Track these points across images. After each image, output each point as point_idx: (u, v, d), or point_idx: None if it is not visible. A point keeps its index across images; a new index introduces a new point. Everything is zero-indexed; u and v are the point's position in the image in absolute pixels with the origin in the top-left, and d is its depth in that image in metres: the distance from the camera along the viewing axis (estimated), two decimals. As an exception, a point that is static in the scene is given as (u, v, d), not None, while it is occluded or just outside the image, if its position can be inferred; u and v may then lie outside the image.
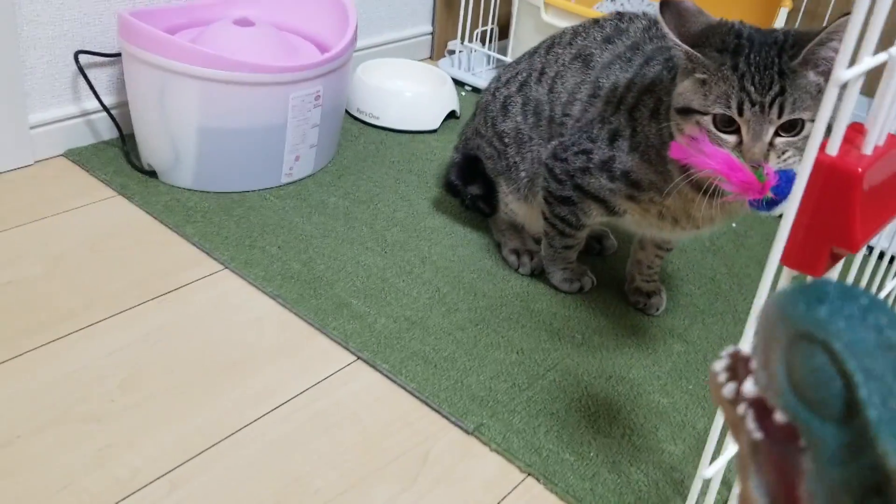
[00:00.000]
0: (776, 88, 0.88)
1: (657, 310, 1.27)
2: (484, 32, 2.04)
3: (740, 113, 0.90)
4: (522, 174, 1.25)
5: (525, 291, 1.28)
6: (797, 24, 2.12)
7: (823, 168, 0.60)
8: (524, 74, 1.25)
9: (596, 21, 1.21)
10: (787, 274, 0.67)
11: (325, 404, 1.02)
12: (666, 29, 0.93)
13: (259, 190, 1.42)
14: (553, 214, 1.21)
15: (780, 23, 1.93)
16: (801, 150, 0.91)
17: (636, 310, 1.28)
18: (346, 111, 1.72)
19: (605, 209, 1.15)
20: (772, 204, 0.90)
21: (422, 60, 2.06)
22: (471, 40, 2.02)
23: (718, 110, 0.91)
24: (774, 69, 0.88)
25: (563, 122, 1.18)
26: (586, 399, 1.09)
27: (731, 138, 0.92)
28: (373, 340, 1.12)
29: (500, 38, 2.10)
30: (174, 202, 1.35)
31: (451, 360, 1.11)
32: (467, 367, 1.10)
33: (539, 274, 1.32)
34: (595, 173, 1.12)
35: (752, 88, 0.89)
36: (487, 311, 1.22)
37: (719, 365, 0.45)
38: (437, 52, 2.11)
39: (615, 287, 1.33)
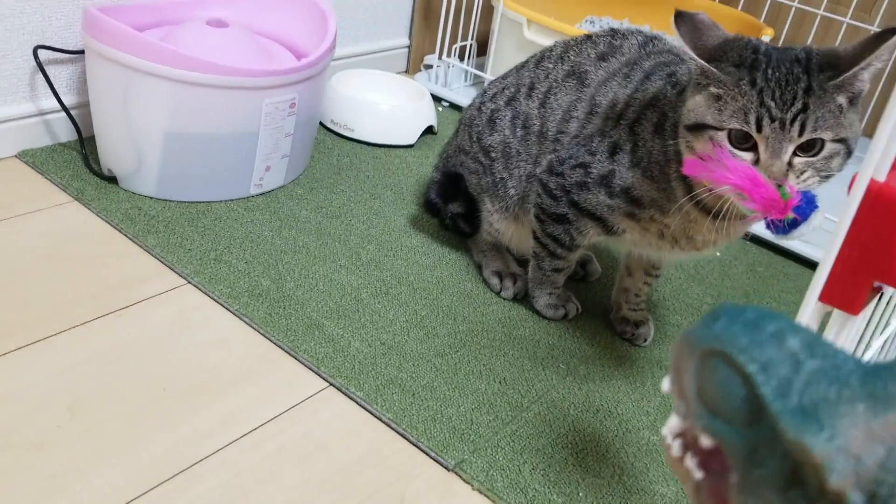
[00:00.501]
0: (798, 105, 0.84)
1: (645, 340, 1.21)
2: (462, 48, 1.99)
3: (759, 129, 0.85)
4: (511, 191, 1.20)
5: (507, 316, 1.21)
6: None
7: (871, 195, 0.55)
8: (512, 89, 1.20)
9: (588, 37, 1.16)
10: (818, 310, 0.61)
11: (294, 435, 0.94)
12: (681, 41, 0.89)
13: (226, 200, 1.34)
14: (545, 233, 1.15)
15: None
16: (819, 171, 0.86)
17: (623, 339, 1.22)
18: (320, 122, 1.65)
19: (603, 228, 1.09)
20: (792, 226, 0.85)
21: (397, 74, 2.00)
22: (448, 55, 1.96)
23: (735, 125, 0.86)
24: (799, 86, 0.84)
25: (558, 138, 1.12)
26: (573, 435, 1.02)
27: (748, 156, 0.87)
28: (346, 365, 1.05)
29: (478, 55, 2.05)
30: (135, 210, 1.27)
31: (429, 388, 1.04)
32: (447, 397, 1.03)
33: (522, 298, 1.26)
34: (593, 189, 1.07)
35: (773, 104, 0.84)
36: (468, 336, 1.15)
37: (667, 429, 0.47)
38: (414, 66, 2.05)
39: (600, 314, 1.26)
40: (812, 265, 1.49)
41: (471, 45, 1.98)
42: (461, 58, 1.99)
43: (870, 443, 0.37)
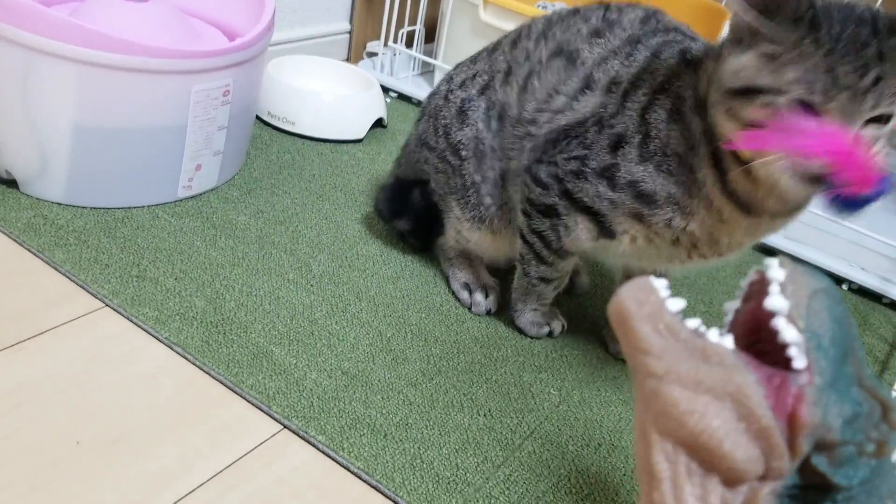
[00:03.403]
0: (872, 75, 0.71)
1: None
2: (409, 33, 1.81)
3: (829, 98, 0.72)
4: (487, 199, 1.04)
5: (484, 335, 1.05)
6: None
7: None
8: (486, 76, 1.03)
9: (575, 11, 1.00)
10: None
11: (242, 494, 0.76)
12: None
13: (150, 206, 1.14)
14: (530, 229, 0.99)
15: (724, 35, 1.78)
16: (888, 143, 0.74)
17: (617, 359, 1.07)
18: (256, 116, 1.46)
19: (597, 226, 0.93)
20: (864, 203, 0.74)
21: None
22: (395, 41, 1.79)
23: (799, 93, 0.72)
24: (869, 51, 0.71)
25: (535, 118, 0.96)
26: (576, 476, 0.86)
27: None
28: (303, 403, 0.87)
29: (426, 41, 1.88)
30: (39, 220, 1.06)
31: (404, 427, 0.87)
32: (425, 437, 0.86)
33: (497, 312, 1.09)
34: (591, 179, 0.91)
35: (842, 70, 0.71)
36: (442, 360, 0.98)
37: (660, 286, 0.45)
38: (356, 53, 1.87)
39: (588, 330, 1.11)
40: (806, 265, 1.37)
41: (419, 31, 1.81)
42: (408, 44, 1.81)
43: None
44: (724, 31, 1.72)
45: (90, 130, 1.05)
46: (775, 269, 0.45)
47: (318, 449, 0.83)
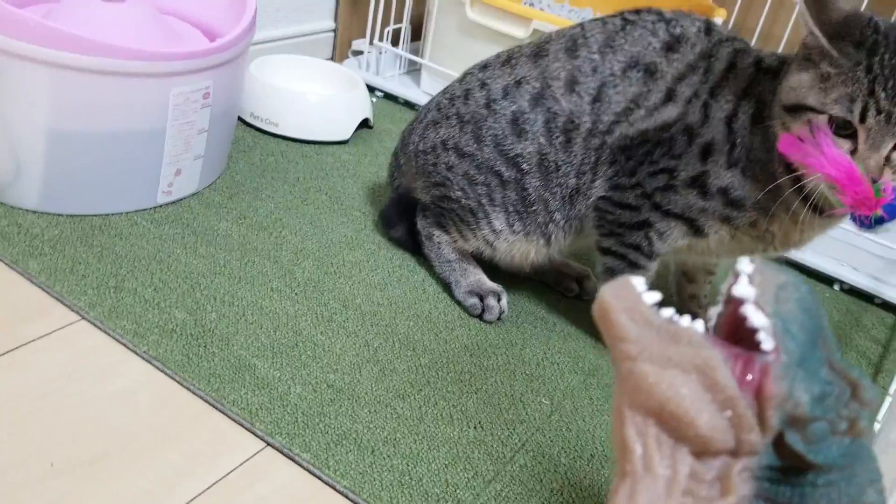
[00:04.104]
0: None
1: None
2: (395, 31, 1.78)
3: (862, 119, 0.79)
4: (557, 215, 1.02)
5: (474, 343, 1.02)
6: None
7: None
8: (536, 84, 1.00)
9: (629, 22, 0.99)
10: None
11: (226, 517, 0.73)
12: (807, 17, 0.81)
13: (128, 212, 1.11)
14: (623, 244, 1.01)
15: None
16: None
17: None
18: (238, 117, 1.42)
19: (690, 229, 0.97)
20: (879, 222, 0.83)
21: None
22: (380, 40, 1.76)
23: (837, 112, 0.80)
24: None
25: (611, 129, 0.97)
26: (569, 490, 0.84)
27: (846, 143, 0.81)
28: (287, 419, 0.84)
29: (412, 39, 1.85)
30: (13, 228, 1.03)
31: (391, 442, 0.84)
32: (414, 453, 0.84)
33: (484, 319, 1.07)
34: (681, 191, 0.94)
35: (883, 94, 0.78)
36: (431, 371, 0.96)
37: (639, 283, 0.47)
38: (340, 52, 1.83)
39: (579, 336, 1.09)
40: (797, 266, 1.35)
41: (405, 29, 1.78)
42: (394, 43, 1.78)
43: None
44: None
45: (65, 135, 1.02)
46: (744, 264, 0.48)
47: (302, 467, 0.80)
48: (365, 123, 1.51)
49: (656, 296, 0.47)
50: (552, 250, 1.06)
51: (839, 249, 1.35)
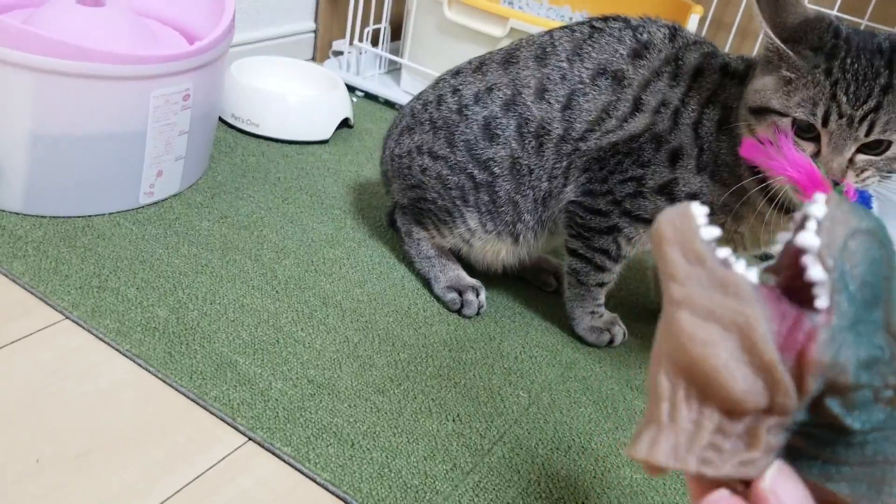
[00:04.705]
0: (871, 103, 0.78)
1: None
2: (375, 31, 1.80)
3: (825, 123, 0.80)
4: (527, 216, 1.04)
5: (453, 338, 1.04)
6: (704, 31, 1.99)
7: None
8: (507, 90, 1.01)
9: (597, 29, 1.00)
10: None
11: (208, 509, 0.75)
12: (760, 19, 0.82)
13: (111, 213, 1.12)
14: (590, 248, 1.02)
15: (690, 29, 1.79)
16: (880, 170, 0.81)
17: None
18: (219, 118, 1.44)
19: None
20: None
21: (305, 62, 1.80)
22: (360, 40, 1.77)
23: (800, 115, 0.81)
24: (878, 82, 0.78)
25: (585, 136, 0.98)
26: (545, 480, 0.86)
27: (809, 146, 0.82)
28: (268, 414, 0.86)
29: (392, 39, 1.86)
30: (-4, 230, 1.04)
31: (371, 435, 0.86)
32: (393, 445, 0.85)
33: (463, 313, 1.09)
34: (650, 197, 0.96)
35: (844, 98, 0.79)
36: (410, 365, 0.98)
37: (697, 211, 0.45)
38: (321, 52, 1.85)
39: (557, 330, 1.11)
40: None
41: (384, 29, 1.80)
42: (374, 43, 1.80)
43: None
44: (689, 26, 1.73)
45: (47, 138, 1.03)
46: (817, 206, 0.44)
47: (283, 461, 0.82)
48: (345, 123, 1.52)
49: (716, 231, 0.44)
50: (521, 250, 1.08)
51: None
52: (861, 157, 0.81)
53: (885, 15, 1.80)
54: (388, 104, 1.71)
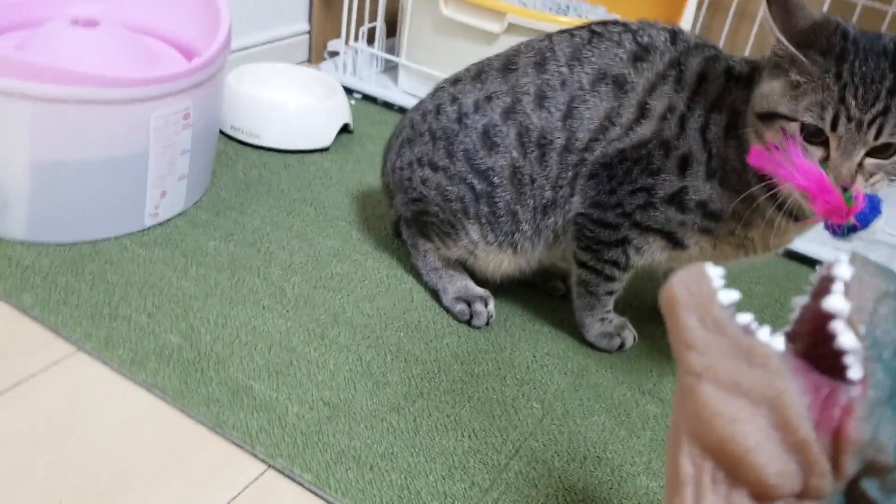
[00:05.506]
0: (879, 106, 0.78)
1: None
2: (371, 30, 1.79)
3: (833, 127, 0.80)
4: (525, 226, 1.03)
5: (464, 350, 1.05)
6: (702, 16, 1.98)
7: None
8: (507, 98, 1.00)
9: (596, 34, 0.99)
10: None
11: (232, 543, 0.76)
12: (772, 25, 0.82)
13: (117, 237, 1.12)
14: (599, 260, 1.02)
15: (688, 14, 1.77)
16: (890, 174, 0.81)
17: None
18: (220, 130, 1.43)
19: (669, 242, 0.99)
20: (852, 231, 0.81)
21: (298, 65, 1.79)
22: (356, 39, 1.76)
23: (809, 120, 0.81)
24: (884, 84, 0.78)
25: (591, 147, 0.98)
26: (563, 494, 0.87)
27: (817, 151, 0.82)
28: (286, 440, 0.86)
29: (388, 36, 1.85)
30: (3, 261, 1.04)
31: (389, 457, 0.87)
32: (412, 466, 0.86)
33: (473, 325, 1.09)
34: (660, 207, 0.96)
35: (853, 102, 0.79)
36: (424, 381, 0.98)
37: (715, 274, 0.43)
38: (316, 54, 1.84)
39: (565, 337, 1.11)
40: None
41: (380, 27, 1.79)
42: (370, 41, 1.79)
43: None
44: (683, 19, 1.72)
45: (48, 166, 1.03)
46: (842, 267, 0.41)
47: (304, 487, 0.82)
48: (345, 129, 1.52)
49: (734, 295, 0.41)
50: (519, 259, 1.07)
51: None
52: (870, 161, 0.81)
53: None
54: (387, 105, 1.70)
